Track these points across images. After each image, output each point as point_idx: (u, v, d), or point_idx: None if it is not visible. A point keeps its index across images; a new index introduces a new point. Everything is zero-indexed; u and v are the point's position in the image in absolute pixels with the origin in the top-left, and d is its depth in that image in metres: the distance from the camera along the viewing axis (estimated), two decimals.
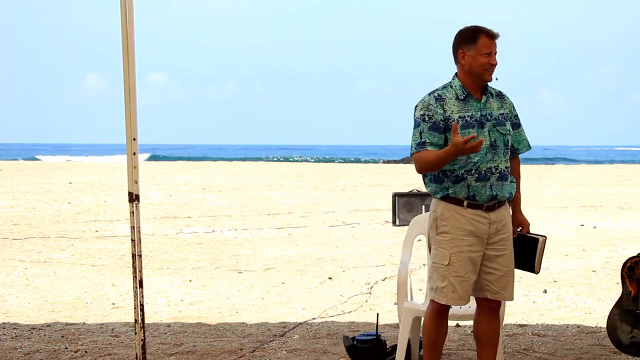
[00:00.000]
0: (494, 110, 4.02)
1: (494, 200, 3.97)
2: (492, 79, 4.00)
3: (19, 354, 5.22)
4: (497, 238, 4.01)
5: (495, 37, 3.98)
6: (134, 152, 4.38)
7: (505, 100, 4.11)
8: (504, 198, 4.02)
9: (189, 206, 16.54)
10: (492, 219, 3.98)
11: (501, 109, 4.05)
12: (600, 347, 5.31)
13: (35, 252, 10.25)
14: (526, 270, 4.17)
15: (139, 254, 4.48)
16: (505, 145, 4.02)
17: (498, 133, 3.99)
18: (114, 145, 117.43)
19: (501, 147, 4.00)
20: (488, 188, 3.95)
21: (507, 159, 4.04)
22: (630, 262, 4.61)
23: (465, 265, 3.95)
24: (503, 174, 4.00)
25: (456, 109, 3.94)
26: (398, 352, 4.56)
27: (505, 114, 4.05)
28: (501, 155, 3.99)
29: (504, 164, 4.00)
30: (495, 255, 4.01)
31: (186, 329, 6.01)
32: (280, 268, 9.11)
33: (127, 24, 4.32)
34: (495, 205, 3.98)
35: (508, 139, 4.03)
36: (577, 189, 21.79)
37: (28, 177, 26.26)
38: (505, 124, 4.02)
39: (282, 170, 32.59)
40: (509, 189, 4.05)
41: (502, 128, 4.00)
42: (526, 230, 4.19)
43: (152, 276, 8.44)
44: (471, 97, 3.99)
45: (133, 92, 4.34)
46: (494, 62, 3.96)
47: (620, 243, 10.83)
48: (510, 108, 4.10)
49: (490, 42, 3.95)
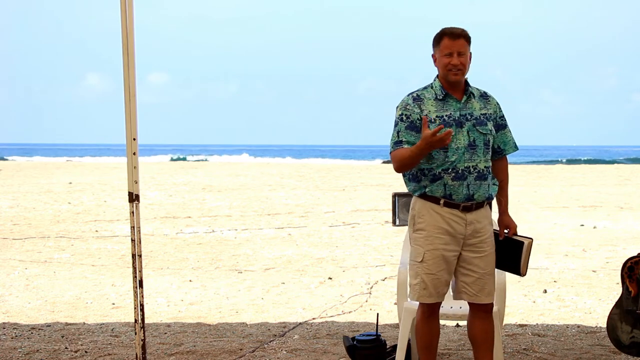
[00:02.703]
0: (475, 110, 4.03)
1: (471, 200, 3.98)
2: (460, 79, 4.01)
3: (19, 354, 5.22)
4: (475, 240, 4.01)
5: (457, 37, 4.00)
6: (134, 152, 4.39)
7: (490, 100, 4.12)
8: (482, 198, 4.00)
9: (189, 206, 16.54)
10: (469, 220, 3.99)
11: (484, 109, 4.07)
12: (600, 347, 5.31)
13: (35, 252, 10.25)
14: (512, 272, 4.16)
15: (139, 254, 4.48)
16: (486, 145, 4.02)
17: (478, 133, 4.00)
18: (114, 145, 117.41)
19: (480, 146, 4.00)
20: (465, 187, 3.97)
21: (487, 159, 4.03)
22: (630, 262, 4.61)
23: (438, 263, 3.98)
24: (481, 173, 3.99)
25: (434, 109, 4.02)
26: (398, 352, 4.57)
27: (488, 114, 4.06)
28: (480, 154, 4.00)
29: (483, 163, 4.00)
30: (472, 257, 4.02)
31: (186, 329, 6.01)
32: (280, 268, 9.11)
33: (127, 24, 4.32)
34: (472, 206, 3.99)
35: (489, 139, 4.03)
36: (577, 189, 21.79)
37: (28, 177, 26.27)
38: (486, 124, 4.03)
39: (282, 171, 32.59)
40: (488, 189, 4.03)
41: (483, 128, 4.01)
42: (512, 232, 4.15)
43: (152, 276, 8.44)
44: (450, 97, 4.04)
45: (133, 92, 4.34)
46: (453, 62, 3.98)
47: (620, 243, 10.83)
48: (495, 109, 4.10)
49: (451, 43, 3.99)
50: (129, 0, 4.33)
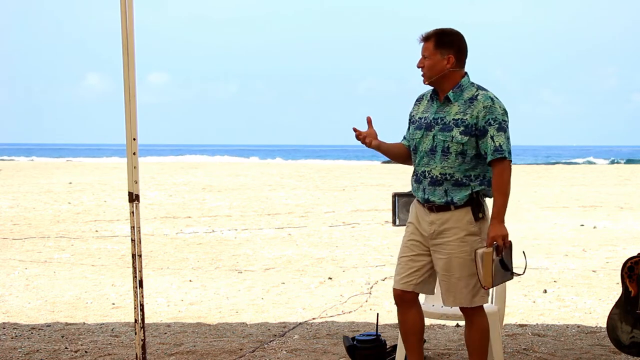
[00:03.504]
0: (448, 115, 3.96)
1: (429, 203, 4.02)
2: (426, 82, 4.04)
3: (19, 354, 5.22)
4: (438, 241, 4.01)
5: (423, 40, 4.03)
6: (134, 152, 4.39)
7: (474, 105, 3.92)
8: (440, 203, 3.98)
9: (189, 206, 16.54)
10: (432, 220, 4.02)
11: (460, 114, 3.94)
12: (600, 347, 5.31)
13: (35, 252, 10.25)
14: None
15: (139, 254, 4.48)
16: (445, 152, 3.95)
17: (439, 139, 3.96)
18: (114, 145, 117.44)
19: (439, 152, 3.96)
20: (421, 191, 4.05)
21: (451, 165, 3.94)
22: (630, 262, 4.61)
23: (404, 250, 4.13)
24: (435, 179, 3.98)
25: (421, 110, 4.12)
26: (398, 352, 4.56)
27: (461, 119, 3.92)
28: (437, 161, 3.97)
29: (438, 170, 3.96)
30: (437, 257, 4.03)
31: (186, 329, 6.01)
32: (280, 268, 9.11)
33: (127, 24, 4.32)
34: (433, 208, 4.01)
35: (449, 146, 3.93)
36: (577, 189, 21.79)
37: (28, 177, 26.27)
38: (451, 130, 3.93)
39: (282, 171, 32.59)
40: (446, 195, 3.97)
41: (444, 134, 3.94)
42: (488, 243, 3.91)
43: (152, 276, 8.44)
44: (436, 99, 4.06)
45: (133, 92, 4.34)
46: (417, 65, 4.04)
47: (620, 243, 10.83)
48: (477, 114, 3.91)
49: (420, 46, 4.05)
50: (129, 0, 4.33)
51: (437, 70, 3.97)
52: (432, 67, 3.97)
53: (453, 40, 3.99)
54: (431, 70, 3.98)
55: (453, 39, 4.00)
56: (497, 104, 3.93)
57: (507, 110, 3.97)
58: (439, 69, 3.97)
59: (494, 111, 3.90)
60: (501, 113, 3.92)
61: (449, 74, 3.98)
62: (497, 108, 3.92)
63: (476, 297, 4.01)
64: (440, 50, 3.96)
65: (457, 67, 3.98)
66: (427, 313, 4.65)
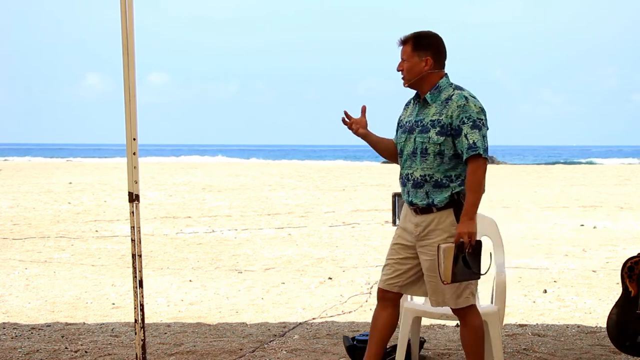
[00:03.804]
0: (427, 117, 4.01)
1: (413, 205, 4.07)
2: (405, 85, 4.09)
3: (19, 354, 5.22)
4: (423, 243, 4.05)
5: (400, 43, 4.09)
6: (134, 152, 4.38)
7: (449, 105, 3.95)
8: (423, 205, 4.02)
9: (189, 206, 16.54)
10: (417, 222, 4.07)
11: (436, 115, 3.98)
12: (600, 347, 5.31)
13: (35, 252, 10.25)
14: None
15: (139, 254, 4.48)
16: (423, 153, 3.99)
17: (418, 141, 4.01)
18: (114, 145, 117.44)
19: (418, 155, 4.01)
20: (406, 193, 4.11)
21: (430, 166, 3.97)
22: (630, 262, 4.61)
23: (391, 252, 4.20)
24: (417, 181, 4.02)
25: (407, 113, 4.18)
26: (398, 352, 4.56)
27: (437, 120, 3.96)
28: (417, 163, 4.01)
29: (419, 172, 4.00)
30: (423, 259, 4.07)
31: (186, 329, 6.01)
32: (280, 268, 9.11)
33: (127, 24, 4.32)
34: (417, 210, 4.06)
35: (427, 147, 3.97)
36: (577, 189, 21.79)
37: (28, 177, 26.28)
38: (428, 132, 3.98)
39: (282, 171, 32.60)
40: (428, 197, 4.00)
41: (422, 136, 3.99)
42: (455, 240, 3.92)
43: (152, 276, 8.44)
44: (418, 102, 4.12)
45: (133, 92, 4.34)
46: (397, 69, 4.11)
47: (620, 243, 10.83)
48: (451, 113, 3.94)
49: (399, 50, 4.11)
50: (129, 0, 4.33)
51: (415, 73, 4.03)
52: (411, 70, 4.04)
53: (431, 43, 4.05)
54: (410, 72, 4.05)
55: (431, 41, 4.05)
56: (472, 102, 3.95)
57: (483, 109, 3.99)
58: (418, 71, 4.03)
59: (468, 110, 3.93)
60: (476, 111, 3.94)
61: (428, 76, 4.04)
62: (472, 106, 3.94)
63: (460, 299, 4.04)
64: (418, 52, 4.02)
65: (435, 68, 4.04)
66: (427, 313, 4.65)
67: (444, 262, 3.89)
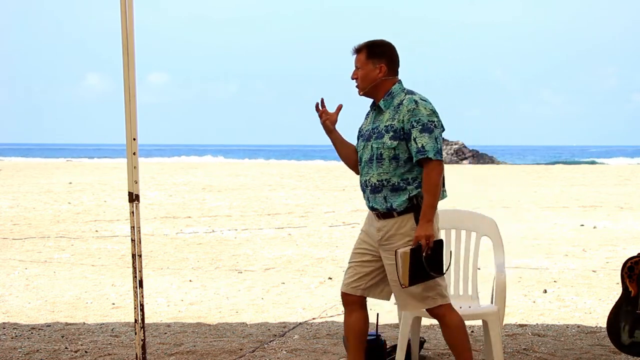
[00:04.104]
0: (382, 123, 4.07)
1: (374, 210, 4.12)
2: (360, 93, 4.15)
3: (19, 354, 5.22)
4: (386, 247, 4.08)
5: (354, 52, 4.16)
6: (134, 152, 4.38)
7: (400, 110, 4.00)
8: (383, 210, 4.05)
9: (189, 206, 16.54)
10: (379, 227, 4.11)
11: (390, 120, 4.03)
12: (600, 347, 5.31)
13: (35, 252, 10.25)
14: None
15: (139, 254, 4.48)
16: (379, 158, 4.03)
17: (374, 147, 4.06)
18: (114, 145, 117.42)
19: (374, 161, 4.05)
20: (366, 199, 4.16)
21: (386, 171, 4.01)
22: (630, 262, 4.61)
23: (353, 256, 4.25)
24: (375, 186, 4.07)
25: (367, 122, 4.24)
26: (398, 352, 4.56)
27: (390, 125, 4.02)
28: (374, 168, 4.06)
29: (376, 177, 4.05)
30: (386, 263, 4.10)
31: (186, 329, 6.01)
32: (280, 268, 9.11)
33: (127, 24, 4.32)
34: (379, 215, 4.10)
35: (381, 152, 4.02)
36: (577, 189, 21.79)
37: (28, 177, 26.28)
38: (382, 137, 4.03)
39: (282, 171, 32.60)
40: (386, 202, 4.04)
41: (377, 141, 4.05)
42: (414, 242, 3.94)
43: (152, 276, 8.44)
44: (374, 110, 4.18)
45: (133, 92, 4.34)
46: (352, 77, 4.17)
47: (620, 243, 10.83)
48: (402, 118, 3.98)
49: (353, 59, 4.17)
50: (129, 0, 4.33)
51: (369, 80, 4.10)
52: (365, 77, 4.10)
53: (384, 51, 4.12)
54: (364, 80, 4.11)
55: (384, 50, 4.12)
56: (422, 106, 3.99)
57: (435, 111, 4.02)
58: (372, 79, 4.09)
59: (418, 113, 3.97)
60: (426, 114, 3.97)
61: (382, 83, 4.10)
62: (421, 110, 3.98)
63: (426, 301, 4.06)
64: (372, 60, 4.09)
65: (389, 75, 4.10)
66: (427, 313, 4.65)
67: (401, 266, 3.93)
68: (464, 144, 47.67)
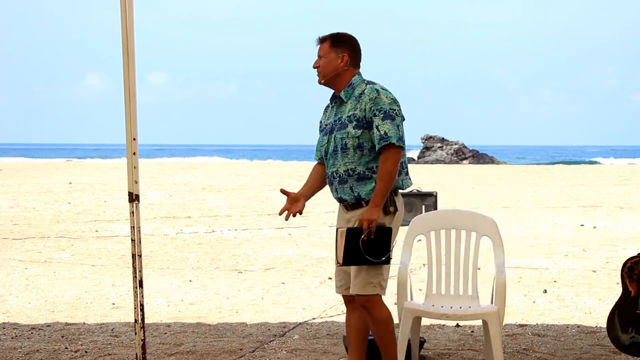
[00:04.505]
0: (344, 114, 4.12)
1: (342, 202, 4.16)
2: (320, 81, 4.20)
3: (19, 354, 5.22)
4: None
5: (318, 42, 4.22)
6: (134, 152, 4.39)
7: (362, 99, 4.06)
8: (351, 201, 4.10)
9: (189, 206, 16.54)
10: (348, 218, 4.16)
11: (352, 110, 4.09)
12: (600, 347, 5.31)
13: (35, 252, 10.25)
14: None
15: (139, 254, 4.48)
16: (344, 149, 4.08)
17: (338, 138, 4.11)
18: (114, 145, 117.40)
19: (339, 151, 4.10)
20: (334, 191, 4.20)
21: (351, 160, 4.07)
22: (630, 262, 4.61)
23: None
24: (342, 177, 4.11)
25: (326, 116, 4.31)
26: (398, 352, 4.56)
27: (353, 115, 4.07)
28: (339, 159, 4.10)
29: (342, 167, 4.09)
30: None
31: (186, 329, 6.01)
32: (280, 268, 9.11)
33: (127, 24, 4.32)
34: (347, 206, 4.14)
35: (346, 142, 4.07)
36: (577, 189, 21.79)
37: (28, 177, 26.27)
38: (346, 127, 4.08)
39: (282, 171, 32.59)
40: (353, 191, 4.08)
41: (341, 132, 4.10)
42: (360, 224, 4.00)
43: (152, 276, 8.44)
44: (335, 103, 4.23)
45: (133, 92, 4.34)
46: (313, 65, 4.22)
47: (620, 243, 10.83)
48: (364, 107, 4.04)
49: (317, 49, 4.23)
50: (129, 0, 4.33)
51: (331, 69, 4.16)
52: (327, 66, 4.16)
53: (347, 42, 4.21)
54: (326, 68, 4.17)
55: (347, 40, 4.22)
56: (383, 94, 4.06)
57: (396, 100, 4.09)
58: (334, 67, 4.16)
59: (379, 102, 4.03)
60: (387, 102, 4.04)
61: (342, 73, 4.16)
62: (383, 98, 4.05)
63: (368, 286, 4.06)
64: (336, 49, 4.17)
65: (350, 66, 4.17)
66: (427, 313, 4.65)
67: (339, 244, 4.00)
68: (464, 144, 47.71)
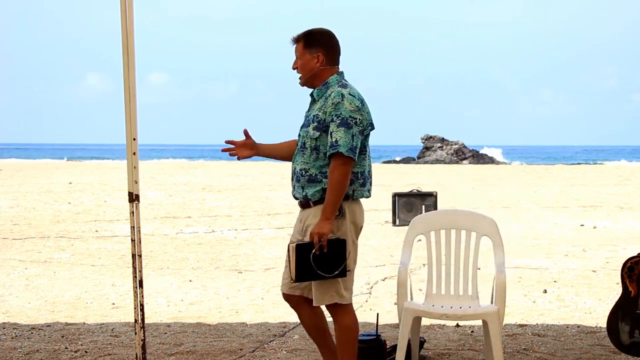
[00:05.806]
0: (312, 112, 4.07)
1: (295, 199, 4.16)
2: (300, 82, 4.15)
3: (19, 354, 5.22)
4: (306, 239, 4.04)
5: (292, 42, 4.17)
6: (134, 152, 4.39)
7: (327, 102, 3.96)
8: (302, 199, 4.09)
9: (189, 206, 16.54)
10: (300, 217, 4.17)
11: (317, 110, 4.01)
12: (600, 347, 5.31)
13: (35, 252, 10.25)
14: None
15: (139, 254, 4.48)
16: (303, 147, 4.05)
17: (302, 136, 4.08)
18: (114, 145, 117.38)
19: (299, 150, 4.08)
20: (291, 187, 4.20)
21: (306, 161, 4.02)
22: (630, 262, 4.61)
23: (287, 254, 4.14)
24: (297, 175, 4.11)
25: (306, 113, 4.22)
26: (398, 352, 4.56)
27: (316, 115, 4.00)
28: (299, 157, 4.08)
29: (300, 165, 4.07)
30: None
31: (186, 329, 6.01)
32: (280, 268, 9.08)
33: (127, 24, 4.32)
34: (300, 204, 4.14)
35: (305, 142, 4.03)
36: (577, 189, 21.79)
37: (28, 177, 26.27)
38: (308, 127, 4.03)
39: (282, 171, 32.59)
40: (302, 191, 4.06)
41: (304, 130, 4.07)
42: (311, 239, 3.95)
43: (152, 276, 8.45)
44: (311, 99, 4.18)
45: (133, 92, 4.34)
46: (292, 67, 4.18)
47: (620, 243, 10.83)
48: (326, 110, 3.95)
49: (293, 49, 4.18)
50: (129, 0, 4.33)
51: (308, 70, 4.09)
52: (304, 67, 4.10)
53: (321, 40, 4.08)
54: (303, 69, 4.11)
55: (321, 38, 4.09)
56: (347, 100, 3.92)
57: (360, 109, 3.93)
58: (310, 68, 4.08)
59: (340, 107, 3.91)
60: (349, 110, 3.90)
61: (320, 73, 4.07)
62: (345, 104, 3.91)
63: (326, 296, 3.99)
64: (309, 49, 4.08)
65: (327, 65, 4.07)
66: (427, 313, 4.65)
67: (291, 260, 3.92)
68: (464, 144, 47.69)
